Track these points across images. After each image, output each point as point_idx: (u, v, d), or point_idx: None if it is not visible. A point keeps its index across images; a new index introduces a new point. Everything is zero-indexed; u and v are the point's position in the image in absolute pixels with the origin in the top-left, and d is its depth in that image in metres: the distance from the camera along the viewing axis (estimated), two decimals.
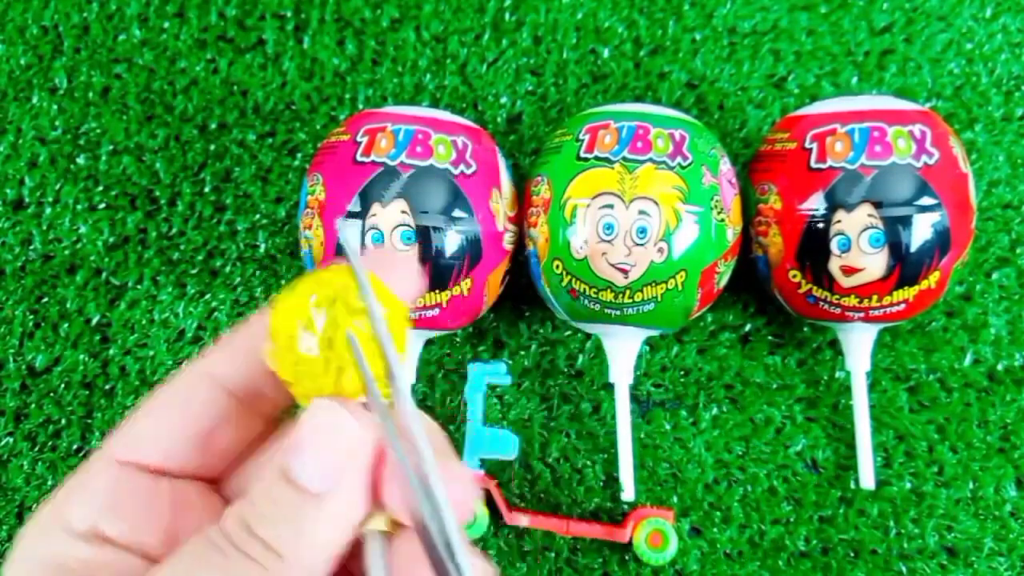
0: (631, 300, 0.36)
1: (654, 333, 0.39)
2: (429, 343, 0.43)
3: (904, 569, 0.40)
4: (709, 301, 0.38)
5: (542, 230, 0.37)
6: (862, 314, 0.37)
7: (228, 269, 0.44)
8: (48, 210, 0.45)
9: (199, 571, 0.16)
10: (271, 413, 0.21)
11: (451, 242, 0.36)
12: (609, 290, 0.36)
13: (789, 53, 0.46)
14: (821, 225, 0.36)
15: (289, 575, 0.17)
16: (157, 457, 0.19)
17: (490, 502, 0.41)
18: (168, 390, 0.20)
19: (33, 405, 0.43)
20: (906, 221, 0.35)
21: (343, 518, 0.17)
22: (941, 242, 0.35)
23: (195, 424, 0.20)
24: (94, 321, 0.44)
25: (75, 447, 0.43)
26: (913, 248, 0.35)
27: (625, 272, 0.36)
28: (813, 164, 0.36)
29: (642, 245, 0.35)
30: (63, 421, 0.43)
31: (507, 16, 0.47)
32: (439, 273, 0.36)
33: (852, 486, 0.41)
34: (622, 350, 0.39)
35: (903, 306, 0.37)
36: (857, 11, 0.46)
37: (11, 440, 0.43)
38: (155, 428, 0.20)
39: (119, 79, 0.47)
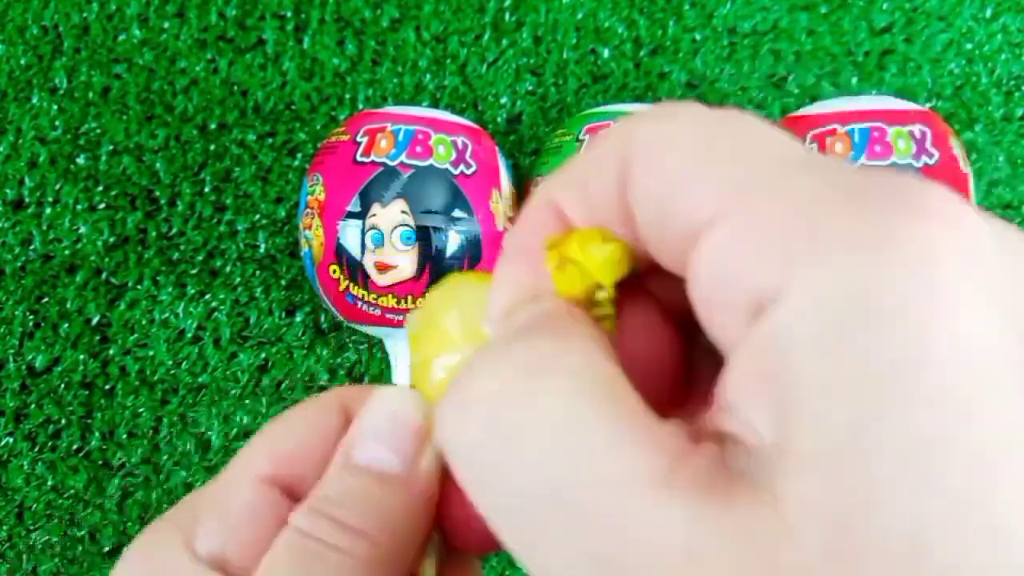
0: None
1: None
2: None
3: None
4: None
5: None
6: None
7: (228, 269, 0.44)
8: (48, 210, 0.45)
9: None
10: None
11: (451, 242, 0.36)
12: None
13: (789, 53, 0.46)
14: None
15: (377, 557, 0.16)
16: (297, 472, 0.18)
17: None
18: (304, 407, 0.19)
19: (33, 405, 0.43)
20: None
21: (419, 495, 0.17)
22: None
23: (330, 443, 0.18)
24: (94, 321, 0.44)
25: (75, 447, 0.43)
26: None
27: None
28: None
29: None
30: (63, 421, 0.43)
31: (507, 16, 0.47)
32: (439, 273, 0.36)
33: None
34: None
35: None
36: (857, 11, 0.46)
37: (11, 440, 0.43)
38: (296, 441, 0.18)
39: (119, 79, 0.47)
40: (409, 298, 0.37)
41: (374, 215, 0.36)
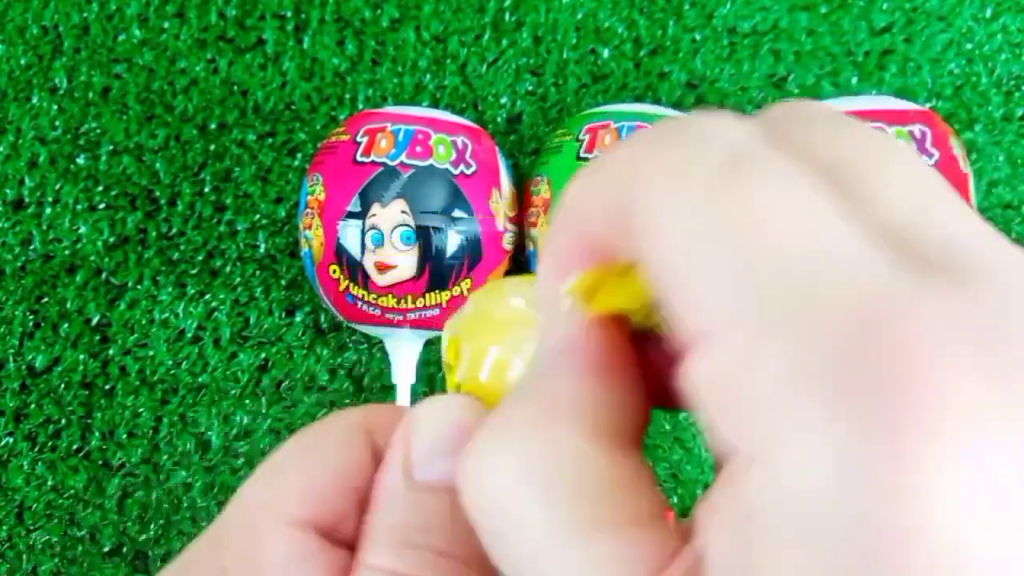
0: None
1: None
2: (429, 343, 0.43)
3: None
4: None
5: (542, 230, 0.37)
6: None
7: (228, 269, 0.44)
8: (48, 210, 0.45)
9: None
10: None
11: (451, 242, 0.36)
12: None
13: (789, 53, 0.46)
14: None
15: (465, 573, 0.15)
16: (333, 509, 0.16)
17: None
18: (322, 434, 0.17)
19: (33, 405, 0.43)
20: None
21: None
22: None
23: (362, 472, 0.17)
24: (94, 321, 0.44)
25: (75, 447, 0.43)
26: None
27: None
28: None
29: None
30: (63, 421, 0.43)
31: (507, 16, 0.47)
32: (439, 273, 0.36)
33: None
34: None
35: None
36: (857, 11, 0.46)
37: (11, 440, 0.43)
38: (324, 476, 0.16)
39: (119, 79, 0.47)
40: (409, 298, 0.37)
41: (374, 215, 0.36)
